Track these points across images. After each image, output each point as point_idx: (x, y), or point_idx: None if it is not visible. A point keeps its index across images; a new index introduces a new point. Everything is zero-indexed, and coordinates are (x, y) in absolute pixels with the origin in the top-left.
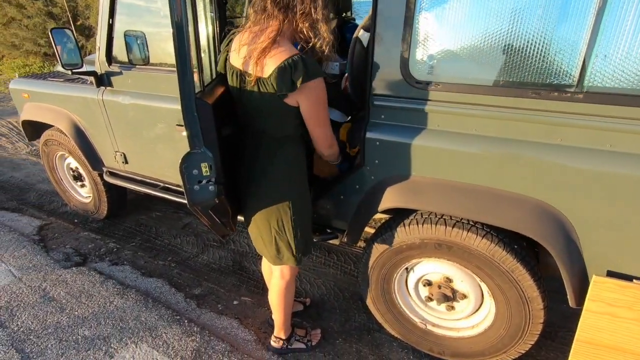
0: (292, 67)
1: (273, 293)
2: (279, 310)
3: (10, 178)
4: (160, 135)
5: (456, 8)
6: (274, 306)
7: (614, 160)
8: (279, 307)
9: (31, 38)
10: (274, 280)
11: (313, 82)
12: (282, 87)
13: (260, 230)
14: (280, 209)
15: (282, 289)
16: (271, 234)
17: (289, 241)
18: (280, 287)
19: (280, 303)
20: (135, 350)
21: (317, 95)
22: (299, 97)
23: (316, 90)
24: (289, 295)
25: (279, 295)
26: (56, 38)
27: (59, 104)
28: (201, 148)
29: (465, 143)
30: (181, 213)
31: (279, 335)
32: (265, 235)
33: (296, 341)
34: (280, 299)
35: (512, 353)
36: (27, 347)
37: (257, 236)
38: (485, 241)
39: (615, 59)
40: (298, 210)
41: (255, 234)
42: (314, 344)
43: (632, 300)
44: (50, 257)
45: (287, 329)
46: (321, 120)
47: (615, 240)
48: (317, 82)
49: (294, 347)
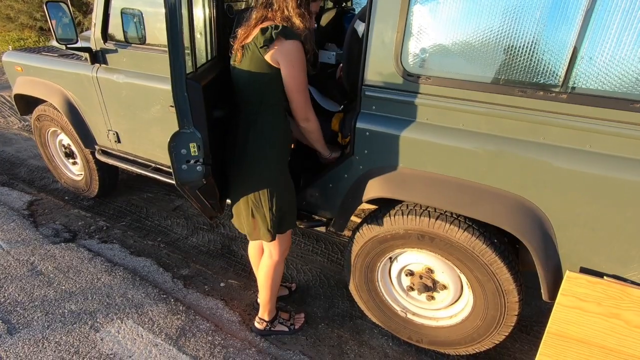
0: (273, 27)
1: (261, 272)
2: (265, 290)
3: (1, 152)
4: (154, 115)
5: (450, 3)
6: (260, 285)
7: (592, 161)
8: (265, 286)
9: (27, 11)
10: (264, 260)
11: (290, 43)
12: (262, 41)
13: (239, 202)
14: (258, 180)
15: (270, 268)
16: (248, 207)
17: (265, 215)
18: (268, 266)
19: (267, 282)
20: (120, 325)
21: (295, 56)
22: (278, 56)
23: (294, 52)
24: (276, 276)
25: (267, 274)
26: (51, 12)
27: (53, 79)
28: (190, 128)
29: (452, 137)
30: (172, 195)
31: (263, 316)
32: (243, 208)
33: (279, 324)
34: (267, 278)
35: (486, 343)
36: (13, 318)
37: (237, 208)
38: (466, 234)
39: (600, 61)
40: (275, 182)
41: (236, 208)
42: (297, 327)
43: (601, 296)
44: (39, 232)
45: (271, 310)
46: (298, 84)
47: (590, 239)
48: (294, 43)
49: (276, 330)
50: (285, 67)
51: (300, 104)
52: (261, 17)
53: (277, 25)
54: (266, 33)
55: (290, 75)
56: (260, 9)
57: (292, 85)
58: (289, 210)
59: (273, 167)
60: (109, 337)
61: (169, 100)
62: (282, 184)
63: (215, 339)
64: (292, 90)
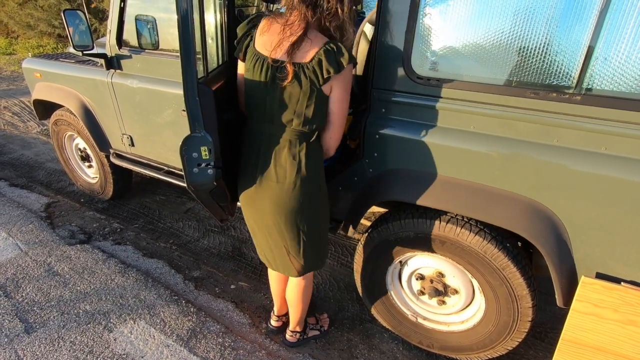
0: (336, 49)
1: (293, 292)
2: (298, 308)
3: (21, 156)
4: (166, 119)
5: (460, 6)
6: (292, 303)
7: (608, 163)
8: (298, 304)
9: (46, 19)
10: (297, 281)
11: (350, 68)
12: (329, 69)
13: (285, 237)
14: (313, 208)
15: (302, 288)
16: (299, 238)
17: (319, 244)
18: (300, 285)
19: (300, 301)
20: (133, 326)
21: (349, 80)
22: (337, 82)
23: (350, 77)
24: (308, 292)
25: (299, 293)
26: (69, 19)
27: (70, 84)
28: (201, 132)
29: (464, 140)
30: (184, 198)
31: (295, 329)
32: (292, 242)
33: (310, 330)
34: (299, 296)
35: (499, 349)
36: (30, 317)
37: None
38: (478, 238)
39: (615, 62)
40: (325, 207)
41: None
42: (326, 328)
43: (618, 302)
44: (56, 233)
45: (303, 322)
46: (345, 109)
47: (606, 243)
48: (351, 67)
49: (309, 336)
50: (340, 93)
51: (342, 128)
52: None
53: (336, 44)
54: (330, 58)
55: (341, 100)
56: (299, 7)
57: (339, 110)
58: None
59: (325, 194)
60: (122, 338)
61: (181, 104)
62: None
63: (225, 340)
64: (338, 116)
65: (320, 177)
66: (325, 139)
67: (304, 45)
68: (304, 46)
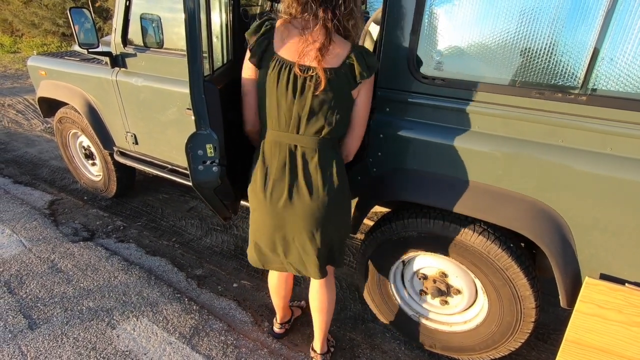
0: (365, 53)
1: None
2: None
3: (25, 153)
4: (171, 118)
5: (465, 6)
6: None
7: (613, 164)
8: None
9: (50, 17)
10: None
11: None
12: (363, 73)
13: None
14: (346, 214)
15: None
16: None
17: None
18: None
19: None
20: (136, 323)
21: (372, 85)
22: (365, 86)
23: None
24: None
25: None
26: (74, 17)
27: (74, 82)
28: (207, 129)
29: (468, 140)
30: (187, 196)
31: (323, 350)
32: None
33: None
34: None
35: (502, 350)
36: (34, 313)
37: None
38: (481, 238)
39: (621, 62)
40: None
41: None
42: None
43: (622, 304)
44: (59, 230)
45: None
46: (368, 112)
47: (610, 244)
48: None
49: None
50: (366, 96)
51: (363, 132)
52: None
53: (368, 50)
54: (361, 62)
55: (366, 103)
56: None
57: (364, 114)
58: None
59: (350, 196)
60: (124, 335)
61: (185, 102)
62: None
63: (227, 338)
64: (362, 120)
65: (347, 182)
66: (346, 144)
67: (332, 50)
68: (332, 50)
